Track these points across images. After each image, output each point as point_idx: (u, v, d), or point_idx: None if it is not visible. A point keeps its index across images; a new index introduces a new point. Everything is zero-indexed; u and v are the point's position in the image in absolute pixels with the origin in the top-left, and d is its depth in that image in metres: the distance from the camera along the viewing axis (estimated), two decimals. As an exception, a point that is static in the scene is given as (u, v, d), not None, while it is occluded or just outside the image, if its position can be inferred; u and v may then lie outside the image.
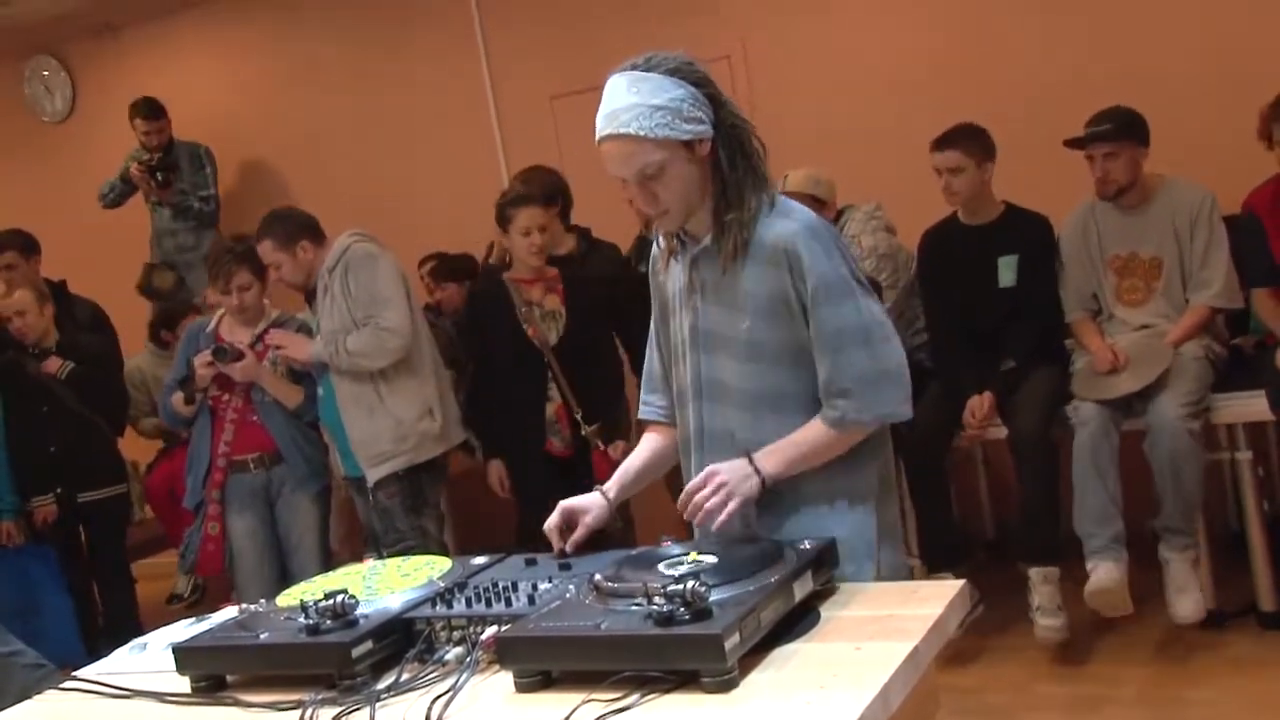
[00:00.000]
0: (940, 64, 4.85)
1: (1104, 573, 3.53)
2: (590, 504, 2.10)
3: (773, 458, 1.93)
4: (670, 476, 2.22)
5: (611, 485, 2.15)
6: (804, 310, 1.94)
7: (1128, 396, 3.64)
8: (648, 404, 2.23)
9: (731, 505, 1.88)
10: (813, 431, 1.95)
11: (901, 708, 1.50)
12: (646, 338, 2.23)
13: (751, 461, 1.92)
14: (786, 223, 1.95)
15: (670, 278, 2.12)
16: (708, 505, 1.86)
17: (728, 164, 1.94)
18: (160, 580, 5.74)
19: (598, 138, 1.91)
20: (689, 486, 1.90)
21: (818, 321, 1.93)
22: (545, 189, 4.14)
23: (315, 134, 6.18)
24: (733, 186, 1.94)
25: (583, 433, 3.95)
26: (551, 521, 2.07)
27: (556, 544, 2.05)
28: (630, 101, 1.87)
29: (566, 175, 4.41)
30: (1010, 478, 3.92)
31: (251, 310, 4.13)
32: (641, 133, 1.86)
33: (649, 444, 2.20)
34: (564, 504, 2.09)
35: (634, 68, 1.90)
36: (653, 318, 2.20)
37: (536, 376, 3.95)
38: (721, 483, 1.89)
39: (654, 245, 2.14)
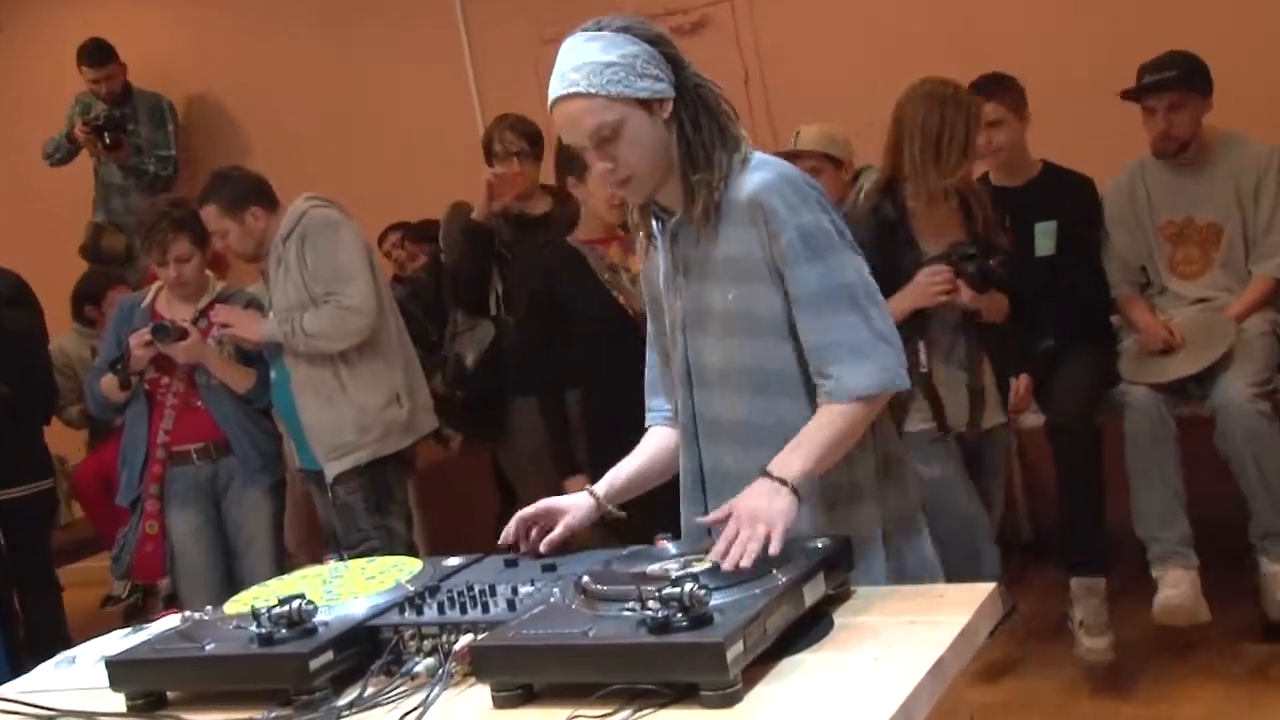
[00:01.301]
0: (968, 10, 4.85)
1: (1173, 585, 3.50)
2: (574, 504, 2.12)
3: (793, 459, 1.90)
4: None
5: (601, 486, 2.17)
6: (780, 271, 1.96)
7: (1183, 380, 3.64)
8: (653, 410, 2.25)
9: (776, 540, 1.78)
10: (823, 415, 1.95)
11: (924, 723, 1.51)
12: None
13: (771, 475, 1.88)
14: (758, 174, 1.97)
15: (655, 267, 2.15)
16: (750, 549, 1.75)
17: (691, 125, 1.96)
18: (91, 587, 5.75)
19: (549, 104, 1.96)
20: (724, 536, 1.81)
21: (796, 281, 1.94)
22: None
23: (265, 82, 6.15)
24: (698, 148, 1.97)
25: None
26: (525, 510, 2.10)
27: (524, 539, 2.06)
28: (579, 60, 1.92)
29: (551, 134, 4.41)
30: (1049, 471, 3.91)
31: (192, 284, 4.12)
32: (592, 90, 1.90)
33: (649, 443, 2.22)
34: (546, 501, 2.12)
35: (583, 30, 1.95)
36: (647, 318, 2.23)
37: (634, 359, 3.89)
38: (752, 516, 1.82)
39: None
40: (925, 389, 3.28)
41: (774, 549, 1.77)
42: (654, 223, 2.09)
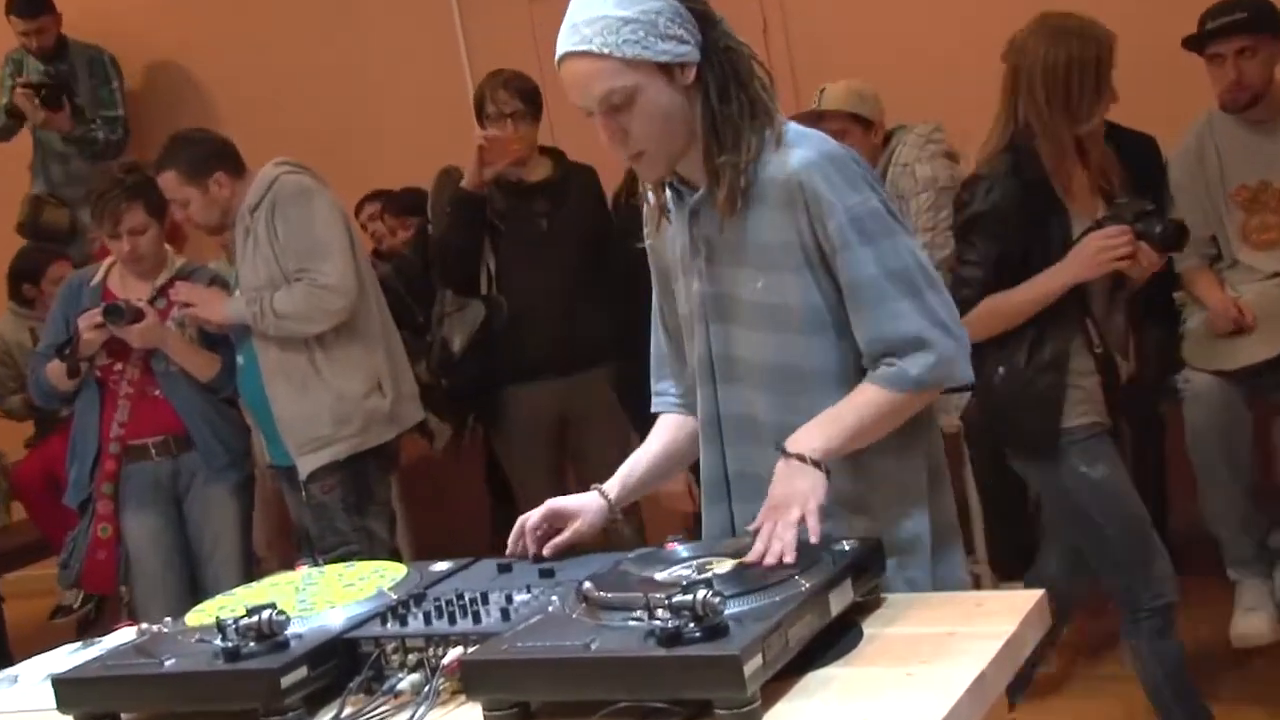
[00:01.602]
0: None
1: (1250, 605, 3.49)
2: (583, 506, 2.13)
3: (815, 433, 1.92)
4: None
5: (613, 484, 2.18)
6: (825, 259, 1.96)
7: (1255, 366, 3.61)
8: (660, 394, 2.27)
9: (812, 522, 1.82)
10: (863, 395, 1.96)
11: (965, 749, 1.52)
12: None
13: (788, 454, 1.91)
14: (798, 153, 1.96)
15: (667, 241, 2.14)
16: (787, 539, 1.79)
17: (718, 96, 1.95)
18: (37, 598, 5.75)
19: (556, 57, 1.94)
20: (756, 549, 1.82)
21: (849, 269, 1.94)
22: None
23: (225, 37, 6.11)
24: (725, 123, 1.95)
25: None
26: (531, 519, 2.10)
27: (531, 547, 2.08)
28: (595, 13, 1.89)
29: (545, 93, 4.40)
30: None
31: (148, 259, 4.11)
32: (605, 50, 1.88)
33: (661, 435, 2.24)
34: (552, 503, 2.13)
35: None
36: (654, 292, 2.24)
37: None
38: (782, 502, 1.85)
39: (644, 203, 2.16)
40: (1103, 370, 3.05)
41: (813, 532, 1.79)
42: (670, 194, 2.08)
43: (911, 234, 1.99)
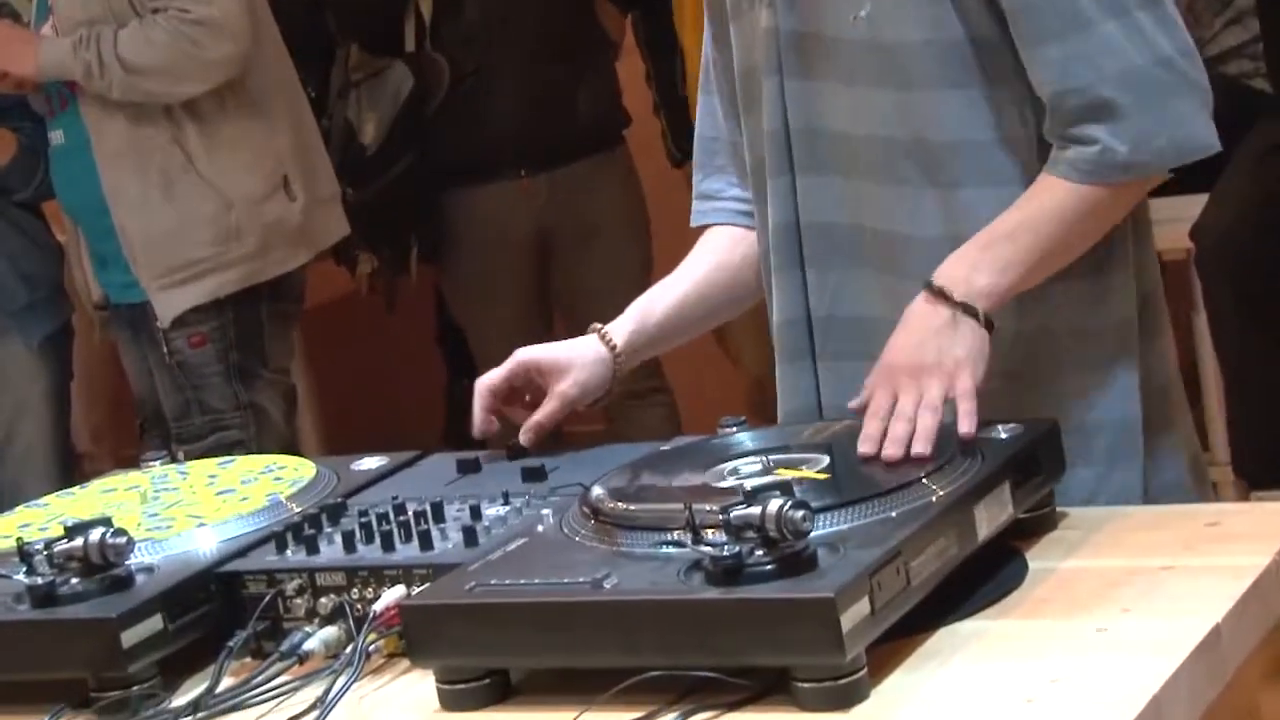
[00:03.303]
0: None
1: None
2: (572, 358, 2.19)
3: (977, 264, 1.95)
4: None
5: (621, 325, 2.24)
6: None
7: None
8: (706, 197, 2.34)
9: (965, 405, 1.86)
10: (1041, 194, 1.98)
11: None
12: None
13: (938, 292, 1.93)
14: None
15: None
16: (923, 423, 1.83)
17: None
18: None
19: None
20: (871, 410, 1.89)
21: None
22: None
23: None
24: None
25: None
26: (490, 379, 2.15)
27: (483, 425, 2.14)
28: None
29: None
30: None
31: None
32: None
33: (703, 258, 2.31)
34: (524, 355, 2.20)
35: None
36: (705, 38, 2.28)
37: None
38: (915, 368, 1.89)
39: None
40: None
41: (965, 423, 1.83)
42: None
43: None
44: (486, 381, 2.16)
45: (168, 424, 4.11)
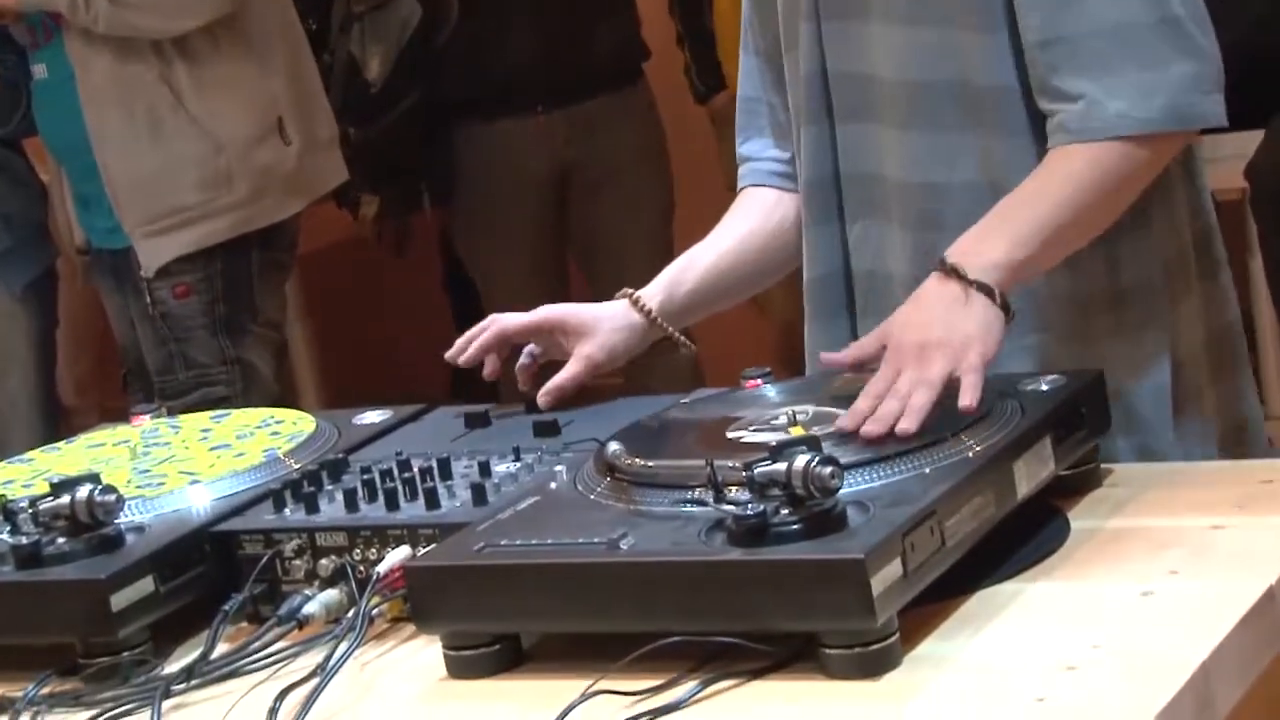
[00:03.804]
0: None
1: None
2: (599, 318, 2.20)
3: (991, 238, 1.94)
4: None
5: (654, 290, 2.24)
6: None
7: None
8: (751, 160, 2.33)
9: (970, 384, 1.81)
10: (1055, 166, 1.97)
11: (1238, 713, 1.50)
12: None
13: (950, 270, 1.91)
14: None
15: None
16: (914, 402, 1.78)
17: None
18: None
19: None
20: (871, 385, 1.85)
21: None
22: None
23: None
24: None
25: None
26: (507, 323, 2.16)
27: (488, 365, 2.18)
28: None
29: None
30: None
31: None
32: None
33: (742, 220, 2.31)
34: (547, 312, 2.20)
35: None
36: None
37: None
38: (920, 345, 1.85)
39: None
40: None
41: (966, 401, 1.78)
42: None
43: None
44: (505, 323, 2.16)
45: (154, 375, 4.09)
